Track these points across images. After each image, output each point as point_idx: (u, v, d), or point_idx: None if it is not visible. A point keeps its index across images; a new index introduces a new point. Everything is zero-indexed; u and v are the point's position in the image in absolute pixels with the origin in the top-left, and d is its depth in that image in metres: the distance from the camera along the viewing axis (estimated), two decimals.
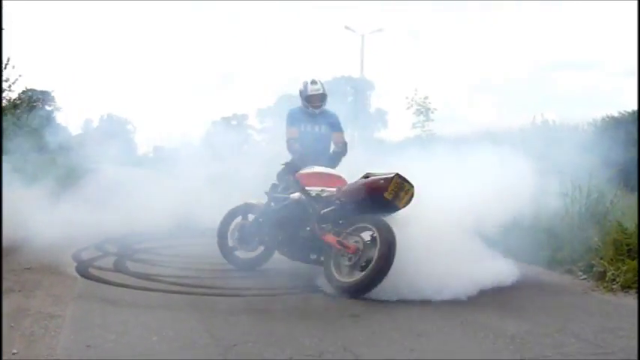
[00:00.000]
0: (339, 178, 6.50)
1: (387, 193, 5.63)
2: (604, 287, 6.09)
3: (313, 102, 7.09)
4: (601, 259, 6.46)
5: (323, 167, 6.67)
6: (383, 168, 6.05)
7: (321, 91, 7.10)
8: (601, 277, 6.29)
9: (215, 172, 10.81)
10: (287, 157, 6.99)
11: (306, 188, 6.31)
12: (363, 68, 34.42)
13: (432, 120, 15.08)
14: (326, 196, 6.21)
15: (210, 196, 9.87)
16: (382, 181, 5.71)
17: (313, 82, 7.12)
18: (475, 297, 5.51)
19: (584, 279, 6.53)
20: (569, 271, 6.85)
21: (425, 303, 5.31)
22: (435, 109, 15.24)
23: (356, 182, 6.06)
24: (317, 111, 7.12)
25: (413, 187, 5.70)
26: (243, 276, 6.63)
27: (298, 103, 7.29)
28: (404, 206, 5.74)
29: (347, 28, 34.62)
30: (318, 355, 4.08)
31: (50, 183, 9.77)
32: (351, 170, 6.53)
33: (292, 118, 7.13)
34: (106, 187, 10.66)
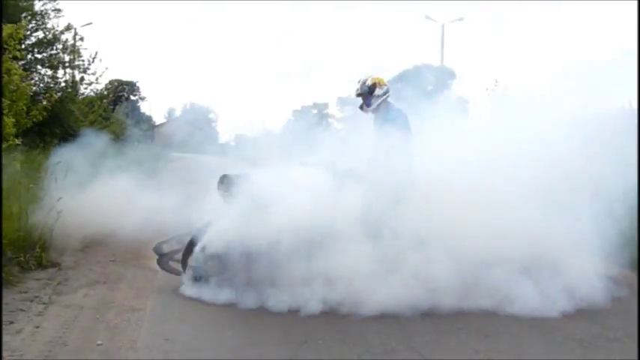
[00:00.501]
0: None
1: None
2: None
3: (363, 106, 6.30)
4: None
5: None
6: None
7: (358, 92, 6.27)
8: None
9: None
10: None
11: None
12: (444, 57, 34.12)
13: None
14: None
15: None
16: None
17: (359, 82, 6.29)
18: (548, 297, 5.44)
19: None
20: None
21: (494, 303, 5.31)
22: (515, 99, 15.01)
23: None
24: (366, 114, 6.34)
25: None
26: None
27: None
28: None
29: (427, 17, 34.42)
30: (385, 354, 4.19)
31: (134, 172, 9.90)
32: None
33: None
34: (187, 176, 10.76)
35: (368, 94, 6.16)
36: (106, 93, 21.20)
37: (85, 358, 4.01)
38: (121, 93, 36.54)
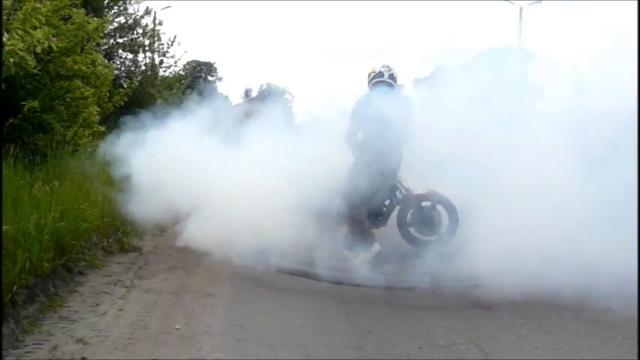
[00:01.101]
0: None
1: None
2: None
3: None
4: None
5: None
6: None
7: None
8: None
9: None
10: None
11: None
12: (521, 39, 33.45)
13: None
14: None
15: None
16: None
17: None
18: (610, 294, 5.43)
19: None
20: None
21: (556, 298, 5.34)
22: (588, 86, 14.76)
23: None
24: None
25: None
26: (383, 264, 6.79)
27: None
28: None
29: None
30: (446, 346, 4.33)
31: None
32: None
33: None
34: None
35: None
36: (184, 74, 21.77)
37: (164, 342, 4.30)
38: (199, 74, 37.52)
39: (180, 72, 20.86)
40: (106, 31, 10.78)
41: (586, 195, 6.26)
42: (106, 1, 16.75)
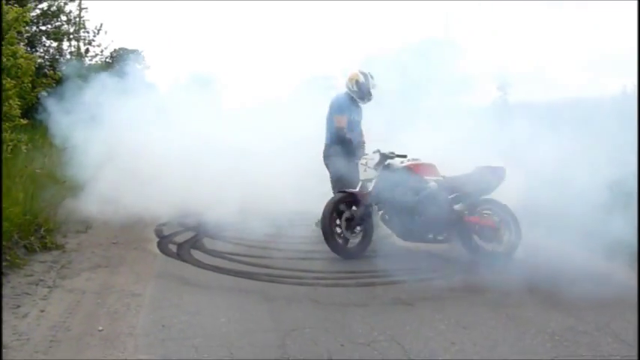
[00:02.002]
0: (433, 166, 7.11)
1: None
2: None
3: (369, 96, 7.63)
4: None
5: (418, 158, 7.17)
6: None
7: (375, 87, 7.60)
8: None
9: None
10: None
11: (426, 177, 6.99)
12: (447, 34, 34.03)
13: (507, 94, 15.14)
14: (449, 183, 7.03)
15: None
16: (499, 170, 6.96)
17: (372, 77, 7.58)
18: (528, 289, 5.70)
19: None
20: (629, 264, 6.62)
21: (477, 294, 5.59)
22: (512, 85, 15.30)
23: (479, 171, 7.02)
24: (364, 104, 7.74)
25: None
26: (310, 260, 6.93)
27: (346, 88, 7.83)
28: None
29: None
30: (367, 343, 4.47)
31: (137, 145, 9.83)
32: None
33: (343, 106, 7.64)
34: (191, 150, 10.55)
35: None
36: (110, 62, 21.34)
37: (86, 344, 4.29)
38: (126, 62, 36.57)
39: (107, 60, 20.46)
40: (27, 20, 10.47)
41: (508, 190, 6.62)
42: None
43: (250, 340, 4.46)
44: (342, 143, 7.48)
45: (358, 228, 7.03)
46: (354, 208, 7.01)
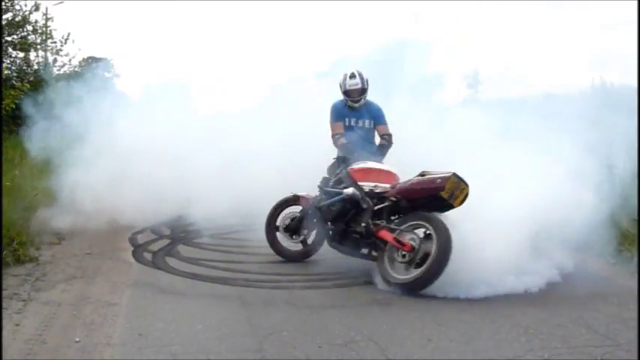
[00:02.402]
0: (391, 173, 6.57)
1: (444, 192, 5.74)
2: (630, 273, 6.29)
3: (352, 96, 7.14)
4: (629, 244, 6.62)
5: (375, 162, 6.76)
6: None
7: (359, 86, 7.12)
8: (628, 262, 6.48)
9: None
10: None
11: (359, 183, 6.44)
12: (417, 35, 34.35)
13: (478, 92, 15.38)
14: (379, 192, 6.38)
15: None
16: (439, 180, 5.82)
17: (352, 76, 7.14)
18: (497, 284, 5.69)
19: (614, 264, 6.70)
20: (600, 255, 6.79)
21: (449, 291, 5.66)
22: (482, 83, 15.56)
23: (411, 180, 6.16)
24: (357, 105, 7.20)
25: (468, 186, 5.81)
26: (286, 263, 7.00)
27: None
28: (459, 205, 5.84)
29: None
30: (345, 344, 4.51)
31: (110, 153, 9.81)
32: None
33: (336, 113, 7.22)
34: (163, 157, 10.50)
35: (365, 88, 7.23)
36: (79, 70, 21.21)
37: (63, 356, 4.27)
38: (95, 70, 36.34)
39: (76, 69, 20.32)
40: None
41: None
42: None
43: (228, 345, 4.47)
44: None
45: (297, 234, 7.09)
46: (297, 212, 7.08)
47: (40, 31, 16.83)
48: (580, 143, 6.57)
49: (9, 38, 16.62)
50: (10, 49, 16.74)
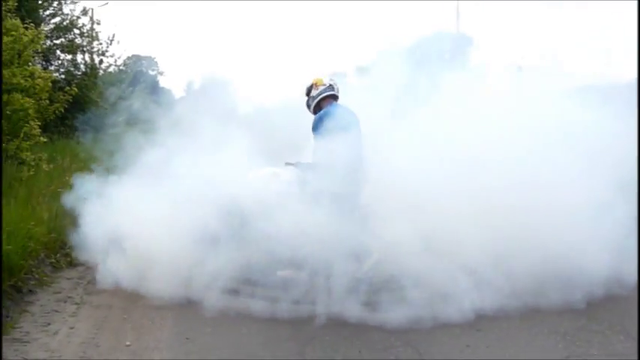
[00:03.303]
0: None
1: None
2: None
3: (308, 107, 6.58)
4: None
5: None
6: None
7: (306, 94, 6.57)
8: None
9: None
10: None
11: None
12: (459, 24, 34.15)
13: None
14: None
15: None
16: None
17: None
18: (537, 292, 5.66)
19: None
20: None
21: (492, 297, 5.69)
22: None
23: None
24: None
25: None
26: None
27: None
28: None
29: None
30: (384, 348, 4.64)
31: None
32: None
33: None
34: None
35: (307, 95, 6.47)
36: (124, 69, 21.67)
37: (116, 358, 4.50)
38: (140, 68, 37.28)
39: (121, 67, 20.74)
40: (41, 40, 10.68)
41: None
42: (40, 1, 16.58)
43: (271, 349, 4.66)
44: None
45: None
46: None
47: (86, 34, 17.19)
48: None
49: (57, 41, 17.04)
50: (58, 52, 17.16)
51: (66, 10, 17.11)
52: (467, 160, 6.08)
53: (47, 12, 16.99)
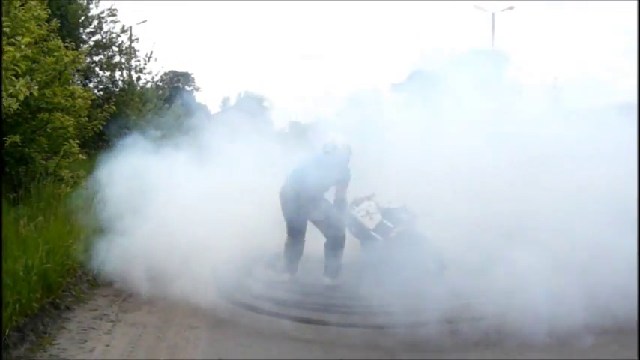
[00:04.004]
0: None
1: None
2: None
3: None
4: None
5: None
6: None
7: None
8: None
9: None
10: None
11: None
12: (494, 45, 34.10)
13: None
14: None
15: None
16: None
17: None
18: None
19: None
20: None
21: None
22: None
23: None
24: None
25: None
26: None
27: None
28: None
29: (477, 7, 34.70)
30: None
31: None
32: None
33: None
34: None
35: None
36: (161, 84, 21.99)
37: None
38: (177, 84, 37.80)
39: (158, 83, 21.06)
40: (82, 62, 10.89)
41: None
42: (81, 20, 16.96)
43: None
44: None
45: None
46: None
47: (125, 52, 17.52)
48: None
49: (96, 58, 17.40)
50: (97, 69, 17.52)
51: (105, 28, 17.42)
52: None
53: (87, 30, 17.35)
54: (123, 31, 17.62)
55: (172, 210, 8.41)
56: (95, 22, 17.36)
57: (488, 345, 5.20)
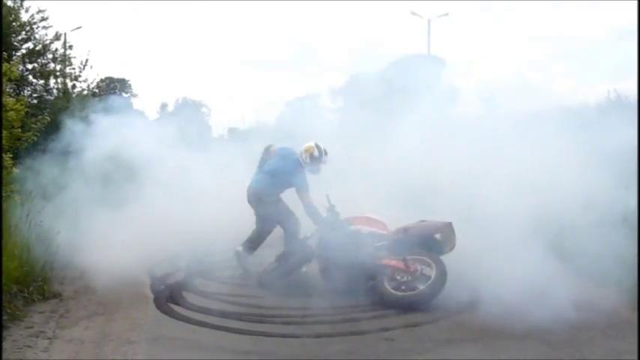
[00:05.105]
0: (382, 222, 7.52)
1: (440, 235, 6.99)
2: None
3: (318, 172, 8.05)
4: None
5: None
6: None
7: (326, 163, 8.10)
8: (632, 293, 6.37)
9: None
10: None
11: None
12: (430, 51, 34.76)
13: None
14: (377, 234, 7.34)
15: None
16: (440, 225, 7.07)
17: (326, 154, 8.01)
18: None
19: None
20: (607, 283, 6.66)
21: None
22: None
23: (415, 225, 7.22)
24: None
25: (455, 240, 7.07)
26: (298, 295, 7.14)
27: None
28: (448, 251, 7.06)
29: (413, 13, 35.56)
30: None
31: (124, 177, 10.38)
32: None
33: None
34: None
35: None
36: (97, 91, 21.58)
37: None
38: (113, 91, 37.16)
39: (94, 90, 20.68)
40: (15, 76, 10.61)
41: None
42: (11, 25, 16.56)
43: None
44: None
45: None
46: None
47: (59, 59, 17.18)
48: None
49: (29, 66, 17.01)
50: (30, 77, 17.12)
51: (38, 34, 17.05)
52: None
53: (19, 37, 16.95)
54: (57, 37, 17.28)
55: (108, 221, 8.47)
56: (27, 28, 16.95)
57: (421, 352, 5.36)
